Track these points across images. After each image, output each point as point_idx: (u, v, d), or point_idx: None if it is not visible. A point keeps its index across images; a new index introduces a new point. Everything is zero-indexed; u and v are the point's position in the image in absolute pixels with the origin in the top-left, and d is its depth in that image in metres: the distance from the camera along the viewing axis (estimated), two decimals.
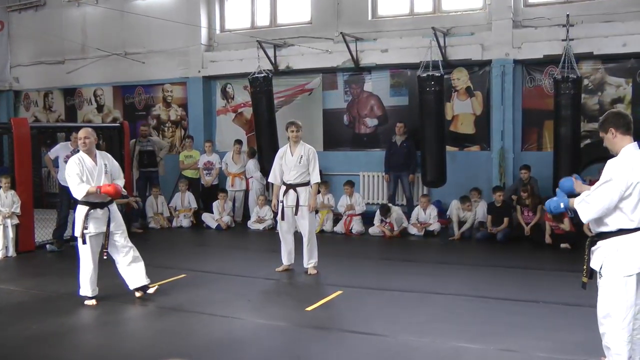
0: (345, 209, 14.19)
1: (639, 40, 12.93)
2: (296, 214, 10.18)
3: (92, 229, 8.50)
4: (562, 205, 5.65)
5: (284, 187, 10.26)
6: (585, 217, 5.42)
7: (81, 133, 8.85)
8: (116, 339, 7.38)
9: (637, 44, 12.96)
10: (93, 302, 8.54)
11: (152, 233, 14.43)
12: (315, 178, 10.20)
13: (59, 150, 12.73)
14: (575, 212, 5.53)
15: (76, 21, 19.15)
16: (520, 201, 13.00)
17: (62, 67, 19.32)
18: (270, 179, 10.68)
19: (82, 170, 8.52)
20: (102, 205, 8.58)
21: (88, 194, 8.39)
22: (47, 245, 12.54)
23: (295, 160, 10.12)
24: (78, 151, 12.09)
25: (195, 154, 16.34)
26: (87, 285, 8.59)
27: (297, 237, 10.48)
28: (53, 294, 9.12)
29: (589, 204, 5.38)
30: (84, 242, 8.48)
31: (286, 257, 10.45)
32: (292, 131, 10.19)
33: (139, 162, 15.41)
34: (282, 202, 10.24)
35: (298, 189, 10.14)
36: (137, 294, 8.80)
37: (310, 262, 10.27)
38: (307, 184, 10.20)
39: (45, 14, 19.73)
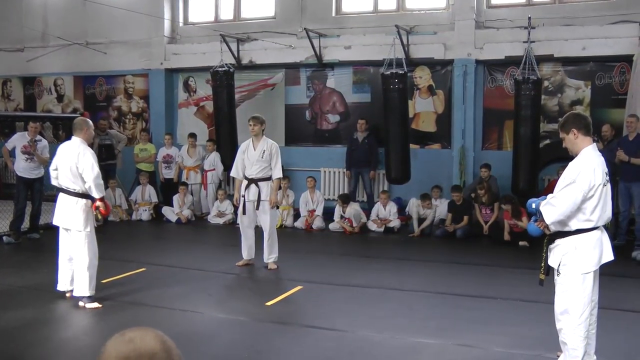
0: (306, 210, 14.23)
1: (598, 44, 13.15)
2: (257, 208, 10.16)
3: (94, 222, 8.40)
4: (534, 206, 5.72)
5: (245, 182, 10.25)
6: (549, 219, 5.50)
7: None
8: (75, 333, 7.34)
9: (596, 47, 13.18)
10: (96, 304, 8.10)
11: (111, 226, 14.26)
12: (277, 173, 10.19)
13: (15, 140, 12.47)
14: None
15: (37, 8, 18.90)
16: (477, 199, 13.14)
17: (22, 55, 19.02)
18: (232, 173, 10.62)
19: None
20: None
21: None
22: (4, 237, 12.30)
23: (258, 155, 10.09)
24: (36, 141, 12.05)
25: (150, 148, 16.27)
26: (93, 282, 8.19)
27: (258, 231, 10.50)
28: (11, 287, 8.99)
29: (553, 206, 5.46)
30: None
31: (246, 251, 10.43)
32: (250, 125, 10.20)
33: (97, 156, 15.26)
34: (243, 196, 10.23)
35: (260, 183, 10.13)
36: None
37: (270, 257, 10.28)
38: (268, 178, 10.19)
39: (4, 0, 19.42)
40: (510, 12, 14.13)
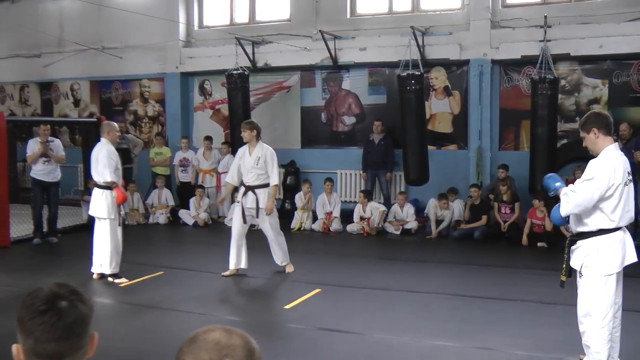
0: (323, 213, 14.19)
1: (615, 42, 13.02)
2: (257, 216, 9.88)
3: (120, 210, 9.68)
4: (557, 184, 5.67)
5: (242, 189, 10.00)
6: (563, 210, 5.45)
7: None
8: None
9: (613, 45, 13.05)
10: (124, 279, 9.47)
11: (128, 229, 14.28)
12: (275, 180, 9.83)
13: (31, 146, 12.56)
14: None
15: (53, 14, 18.99)
16: (497, 197, 13.08)
17: (39, 61, 19.11)
18: (227, 179, 10.55)
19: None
20: None
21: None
22: (34, 240, 12.54)
23: (253, 162, 9.77)
24: (48, 141, 12.25)
25: (166, 151, 16.30)
26: (114, 262, 9.54)
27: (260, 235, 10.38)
28: (27, 290, 8.98)
29: (569, 198, 5.41)
30: (120, 224, 9.65)
31: (234, 260, 9.96)
32: (241, 132, 10.02)
33: None
34: (239, 202, 9.97)
35: (257, 190, 9.79)
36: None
37: (283, 261, 10.13)
38: (266, 185, 9.84)
39: (21, 7, 19.51)
40: (526, 11, 14.04)
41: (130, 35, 17.56)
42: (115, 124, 10.20)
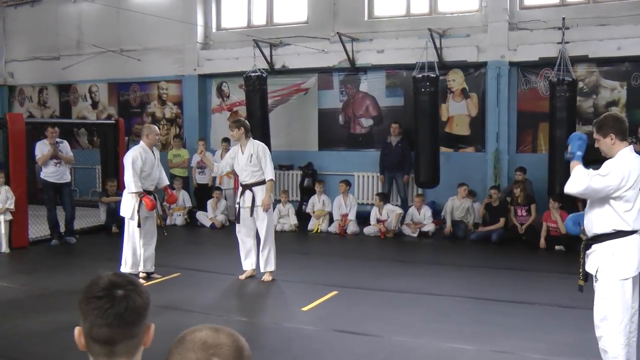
0: (339, 215, 14.20)
1: (633, 44, 12.95)
2: (252, 215, 9.77)
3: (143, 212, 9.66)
4: (578, 153, 5.62)
5: (240, 188, 9.97)
6: (568, 187, 5.43)
7: None
8: None
9: (631, 47, 12.97)
10: (141, 280, 9.17)
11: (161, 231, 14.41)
12: (270, 174, 9.71)
13: (41, 149, 12.66)
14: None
15: (72, 17, 19.15)
16: (513, 200, 13.05)
17: (57, 63, 19.27)
18: (214, 172, 10.76)
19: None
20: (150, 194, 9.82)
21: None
22: (52, 241, 12.66)
23: (246, 159, 9.70)
24: (57, 142, 12.37)
25: (184, 153, 16.37)
26: (130, 261, 9.74)
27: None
28: (46, 291, 9.11)
29: (578, 178, 5.37)
30: (139, 225, 9.65)
31: (247, 261, 9.96)
32: (230, 131, 10.09)
33: None
34: (238, 203, 9.92)
35: (254, 189, 9.73)
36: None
37: (267, 268, 9.78)
38: (262, 182, 9.74)
39: (41, 10, 19.70)
40: (544, 13, 13.98)
41: (148, 38, 17.66)
42: (155, 127, 10.24)
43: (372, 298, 8.82)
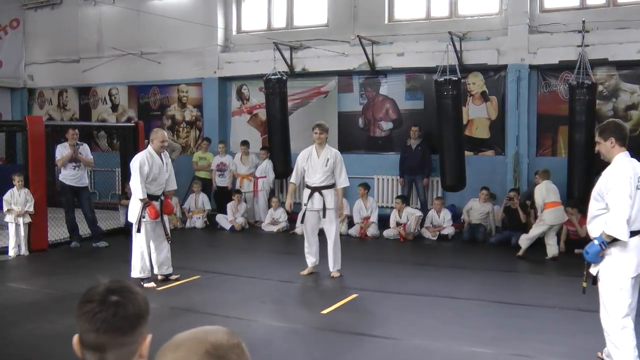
0: (360, 218, 14.22)
1: None
2: (324, 217, 10.12)
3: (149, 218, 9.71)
4: (596, 242, 5.67)
5: (308, 191, 10.20)
6: (620, 234, 5.47)
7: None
8: None
9: None
10: (152, 284, 9.60)
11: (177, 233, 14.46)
12: (344, 182, 10.20)
13: (61, 151, 12.73)
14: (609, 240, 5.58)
15: (92, 20, 19.25)
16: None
17: (77, 66, 19.41)
18: (292, 179, 10.62)
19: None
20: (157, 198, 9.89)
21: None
22: (72, 243, 12.77)
23: (322, 163, 10.06)
24: (77, 144, 12.42)
25: (209, 156, 16.39)
26: (138, 266, 9.71)
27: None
28: (65, 293, 9.14)
29: (613, 224, 5.47)
30: (138, 230, 9.68)
31: (312, 259, 10.38)
32: (316, 133, 10.18)
33: None
34: (305, 205, 10.20)
35: (324, 191, 10.07)
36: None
37: (335, 266, 10.25)
38: (332, 186, 10.12)
39: (61, 12, 19.85)
40: (564, 16, 13.94)
41: (168, 41, 17.73)
42: (161, 131, 10.15)
43: (391, 301, 8.83)
